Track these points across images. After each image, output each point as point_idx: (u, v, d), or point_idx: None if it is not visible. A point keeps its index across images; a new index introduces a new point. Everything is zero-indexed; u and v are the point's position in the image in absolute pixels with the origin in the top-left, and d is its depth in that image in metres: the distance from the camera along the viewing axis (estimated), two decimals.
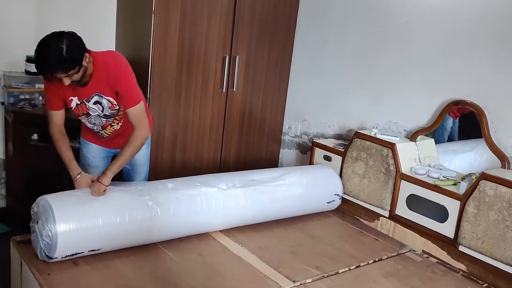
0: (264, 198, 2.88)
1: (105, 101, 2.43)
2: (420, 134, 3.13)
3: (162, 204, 2.47)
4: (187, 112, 3.56)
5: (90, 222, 2.23)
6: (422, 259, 2.78)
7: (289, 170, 3.15)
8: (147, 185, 2.59)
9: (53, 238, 2.11)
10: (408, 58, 3.24)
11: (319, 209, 3.22)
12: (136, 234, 2.38)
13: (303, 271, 2.47)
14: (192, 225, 2.60)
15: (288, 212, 3.04)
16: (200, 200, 2.62)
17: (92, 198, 2.31)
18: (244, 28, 3.65)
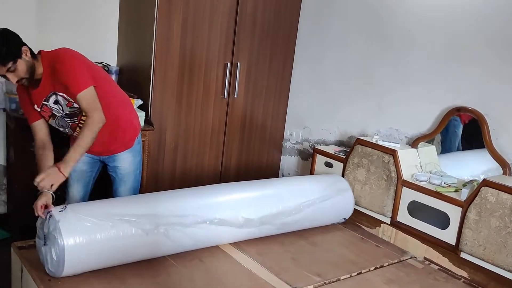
0: (273, 222, 2.79)
1: (61, 98, 2.36)
2: (422, 141, 3.13)
3: (171, 239, 2.41)
4: (188, 119, 3.57)
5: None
6: (423, 266, 2.77)
7: (303, 183, 3.07)
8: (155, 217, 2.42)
9: (59, 265, 2.10)
10: (409, 65, 3.25)
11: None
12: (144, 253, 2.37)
13: (304, 277, 2.46)
14: (198, 244, 2.57)
15: (292, 229, 2.95)
16: (212, 239, 2.60)
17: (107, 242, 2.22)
18: (246, 34, 3.67)
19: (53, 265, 2.09)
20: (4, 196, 3.51)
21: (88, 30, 3.59)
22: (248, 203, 2.73)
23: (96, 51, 3.65)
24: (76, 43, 3.54)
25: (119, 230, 2.22)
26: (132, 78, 3.57)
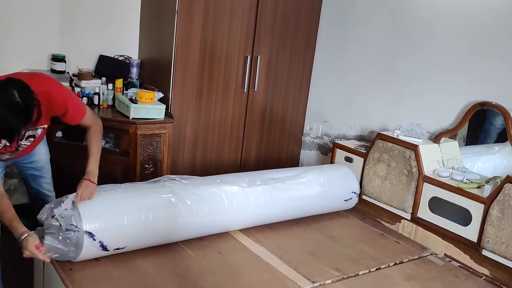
0: (282, 196, 2.87)
1: (40, 130, 2.30)
2: (444, 136, 3.09)
3: (185, 201, 2.48)
4: (208, 112, 3.58)
5: (115, 222, 2.25)
6: (444, 263, 2.73)
7: (306, 169, 3.14)
8: (170, 182, 2.60)
9: (79, 239, 2.12)
10: (432, 59, 3.20)
11: (336, 208, 3.21)
12: (160, 232, 2.39)
13: (323, 272, 2.45)
14: (213, 222, 2.61)
15: (306, 210, 3.03)
16: (221, 198, 2.63)
17: (117, 198, 2.32)
18: (266, 28, 3.65)
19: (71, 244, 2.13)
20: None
21: (111, 23, 3.62)
22: (251, 177, 2.89)
23: (118, 44, 3.69)
24: (98, 37, 3.60)
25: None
26: (153, 71, 3.59)
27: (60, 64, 3.33)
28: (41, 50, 3.39)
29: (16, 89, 1.86)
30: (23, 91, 1.89)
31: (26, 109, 1.88)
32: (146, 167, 3.24)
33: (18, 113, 1.85)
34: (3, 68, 3.27)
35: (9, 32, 3.26)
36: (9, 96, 1.83)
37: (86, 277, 2.11)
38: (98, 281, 2.11)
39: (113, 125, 3.14)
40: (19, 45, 3.30)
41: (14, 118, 1.84)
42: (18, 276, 2.78)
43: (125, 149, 3.17)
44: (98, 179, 2.41)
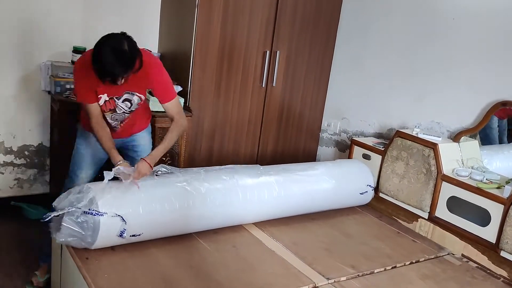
0: (296, 188, 2.86)
1: (136, 98, 2.48)
2: (464, 135, 3.04)
3: (199, 190, 2.49)
4: (226, 106, 3.58)
5: (131, 209, 2.27)
6: (461, 263, 2.70)
7: (319, 163, 3.15)
8: (185, 172, 2.62)
9: (95, 223, 2.15)
10: (454, 56, 3.15)
11: (352, 201, 3.19)
12: (174, 222, 2.41)
13: (338, 269, 2.44)
14: (227, 212, 2.61)
15: (321, 204, 3.02)
16: (235, 188, 2.64)
17: (131, 186, 2.35)
18: (286, 23, 3.64)
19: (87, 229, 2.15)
20: (47, 177, 3.63)
21: (131, 16, 3.65)
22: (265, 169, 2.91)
23: (138, 37, 3.65)
24: (119, 29, 3.61)
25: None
26: (173, 65, 3.61)
27: None
28: (63, 42, 3.43)
29: (126, 39, 2.21)
30: (131, 42, 2.22)
31: (130, 57, 2.18)
32: (163, 160, 3.25)
33: (122, 58, 2.15)
34: (26, 60, 3.33)
35: (33, 25, 3.30)
36: (119, 42, 2.18)
37: (102, 266, 2.14)
38: (114, 270, 2.13)
39: None
40: (43, 37, 3.35)
41: (117, 60, 2.13)
42: (36, 265, 2.83)
43: None
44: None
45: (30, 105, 3.44)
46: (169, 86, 2.53)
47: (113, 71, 2.16)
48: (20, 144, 3.47)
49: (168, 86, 2.52)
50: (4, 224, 3.30)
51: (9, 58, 3.28)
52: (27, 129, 3.47)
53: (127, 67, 2.18)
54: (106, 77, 2.19)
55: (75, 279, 2.14)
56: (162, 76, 2.49)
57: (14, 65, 3.31)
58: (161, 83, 2.49)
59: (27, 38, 3.31)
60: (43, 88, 3.41)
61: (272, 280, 2.25)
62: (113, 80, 2.20)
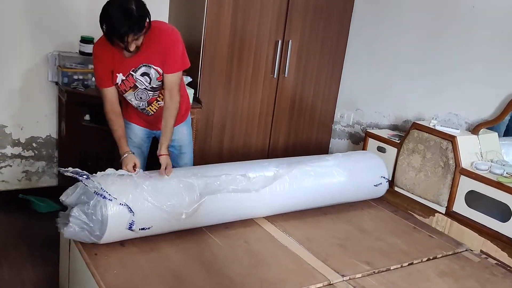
0: (309, 181, 2.78)
1: (153, 72, 2.40)
2: (483, 127, 2.95)
3: (207, 177, 2.43)
4: (236, 97, 3.51)
5: (140, 202, 2.21)
6: (480, 260, 2.61)
7: (332, 155, 3.06)
8: (196, 169, 2.56)
9: (103, 215, 2.09)
10: (473, 45, 3.05)
11: (366, 194, 3.09)
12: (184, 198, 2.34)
13: (352, 265, 2.36)
14: (239, 206, 2.54)
15: (334, 196, 2.93)
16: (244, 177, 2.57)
17: (139, 179, 2.29)
18: (299, 11, 3.55)
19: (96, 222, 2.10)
20: (55, 169, 3.58)
21: None
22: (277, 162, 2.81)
23: None
24: None
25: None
26: None
27: (88, 46, 3.29)
28: (70, 32, 3.37)
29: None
30: (139, 2, 2.16)
31: (139, 15, 2.13)
32: None
33: (130, 15, 2.10)
34: (32, 50, 3.27)
35: (40, 14, 3.24)
36: (126, 0, 2.12)
37: (111, 262, 2.08)
38: (124, 266, 2.08)
39: None
40: (49, 26, 3.29)
41: (124, 17, 2.10)
42: (43, 260, 2.79)
43: None
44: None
45: (37, 97, 3.38)
46: (179, 57, 2.42)
47: (120, 28, 2.11)
48: (27, 136, 3.42)
49: (177, 56, 2.41)
50: (12, 217, 3.27)
51: (15, 48, 3.22)
52: (34, 121, 3.42)
53: (135, 25, 2.13)
54: (113, 35, 2.16)
55: (83, 276, 2.09)
56: (177, 46, 2.40)
57: (21, 55, 3.25)
58: (173, 53, 2.38)
59: (33, 28, 3.25)
60: (50, 79, 3.35)
61: (285, 277, 2.18)
62: (121, 39, 2.15)
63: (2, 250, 2.87)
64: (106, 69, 2.38)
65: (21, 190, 3.47)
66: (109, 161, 3.16)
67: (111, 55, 2.33)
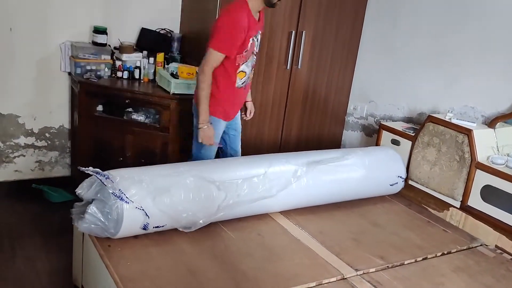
0: (326, 178, 2.76)
1: (260, 37, 2.78)
2: (500, 121, 2.89)
3: (227, 185, 2.40)
4: None
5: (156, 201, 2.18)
6: (495, 255, 2.58)
7: (349, 151, 3.02)
8: (212, 163, 2.53)
9: (119, 215, 2.07)
10: (491, 36, 2.98)
11: (381, 192, 3.07)
12: (199, 212, 2.31)
13: (366, 259, 2.34)
14: (255, 206, 2.51)
15: (350, 193, 2.90)
16: (263, 179, 2.53)
17: (154, 175, 2.28)
18: (313, 1, 3.50)
19: (111, 220, 2.08)
20: (68, 159, 3.60)
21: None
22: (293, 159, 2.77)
23: (159, 18, 3.62)
24: (140, 9, 3.53)
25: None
26: (195, 46, 3.51)
27: (101, 37, 3.29)
28: (83, 22, 3.36)
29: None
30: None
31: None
32: (186, 143, 3.18)
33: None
34: (45, 39, 3.27)
35: (52, 3, 3.22)
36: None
37: (125, 255, 2.08)
38: (137, 259, 2.07)
39: (154, 100, 3.10)
40: (62, 16, 3.28)
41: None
42: (57, 251, 2.80)
43: (165, 124, 3.12)
44: (138, 155, 2.78)
45: (50, 87, 3.38)
46: (213, 35, 2.61)
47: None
48: (41, 126, 3.43)
49: (211, 35, 2.62)
50: (25, 207, 3.29)
51: (28, 38, 3.21)
52: (47, 111, 3.42)
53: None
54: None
55: (97, 267, 2.09)
56: (217, 22, 2.63)
57: (33, 45, 3.25)
58: (211, 29, 2.66)
59: (46, 18, 3.24)
60: (63, 69, 3.35)
61: (299, 271, 2.17)
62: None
63: (17, 240, 2.89)
64: (242, 35, 2.58)
65: (34, 180, 3.49)
66: (121, 151, 3.17)
67: (247, 22, 2.57)
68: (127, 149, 3.17)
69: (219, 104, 2.74)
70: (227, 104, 2.78)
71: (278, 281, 2.08)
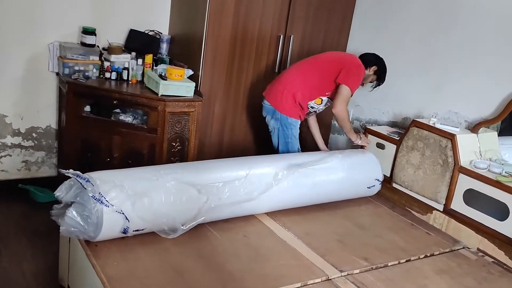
0: (306, 181, 2.80)
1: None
2: (483, 126, 2.95)
3: (209, 189, 2.41)
4: (237, 92, 3.50)
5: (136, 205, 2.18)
6: (477, 258, 2.63)
7: (329, 154, 3.06)
8: (194, 166, 2.55)
9: (99, 219, 2.07)
10: (475, 42, 3.05)
11: (359, 194, 3.12)
12: (181, 215, 2.32)
13: (351, 261, 2.38)
14: (238, 208, 2.53)
15: (329, 196, 2.95)
16: (244, 182, 2.55)
17: (139, 178, 2.27)
18: (301, 7, 3.54)
19: (90, 224, 2.07)
20: (55, 159, 3.58)
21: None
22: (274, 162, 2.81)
23: (148, 19, 3.63)
24: (129, 10, 3.53)
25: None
26: (184, 48, 3.53)
27: (90, 37, 3.29)
28: (72, 22, 3.35)
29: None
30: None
31: None
32: (173, 145, 3.20)
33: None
34: (34, 39, 3.26)
35: (41, 3, 3.22)
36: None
37: (112, 254, 2.09)
38: (124, 259, 2.08)
39: (142, 102, 3.10)
40: (50, 16, 3.27)
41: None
42: (43, 250, 2.80)
43: (153, 126, 3.13)
44: (125, 156, 2.75)
45: (38, 87, 3.37)
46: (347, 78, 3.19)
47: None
48: (28, 126, 3.42)
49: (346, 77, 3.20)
50: (11, 207, 3.27)
51: (16, 38, 3.20)
52: (35, 111, 3.41)
53: None
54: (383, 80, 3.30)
55: (83, 267, 2.10)
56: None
57: (21, 45, 3.23)
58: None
59: (35, 17, 3.23)
60: (51, 70, 3.35)
61: (285, 272, 2.20)
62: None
63: (2, 240, 2.87)
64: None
65: (21, 180, 3.47)
66: (108, 152, 3.17)
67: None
68: (114, 150, 3.17)
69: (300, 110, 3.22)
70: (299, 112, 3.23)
71: (264, 281, 2.10)
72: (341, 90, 3.09)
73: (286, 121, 3.19)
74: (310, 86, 3.15)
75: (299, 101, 3.16)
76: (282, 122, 3.20)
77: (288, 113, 3.18)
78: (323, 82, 3.15)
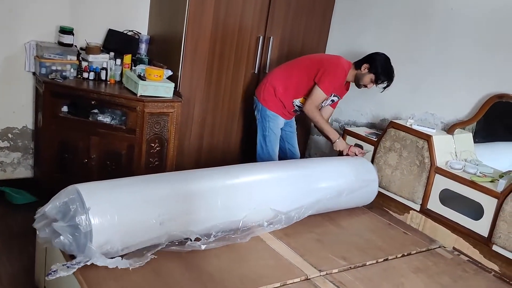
0: (297, 192, 2.76)
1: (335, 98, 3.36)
2: (458, 127, 3.01)
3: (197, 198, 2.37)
4: (217, 92, 3.50)
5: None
6: (452, 256, 2.68)
7: (326, 160, 3.06)
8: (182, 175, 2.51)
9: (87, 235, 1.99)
10: (451, 47, 3.11)
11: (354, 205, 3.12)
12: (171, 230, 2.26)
13: (330, 261, 2.40)
14: (226, 216, 2.47)
15: (324, 206, 2.87)
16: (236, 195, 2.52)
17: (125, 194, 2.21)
18: (281, 8, 3.56)
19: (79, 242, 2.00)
20: (31, 161, 3.53)
21: None
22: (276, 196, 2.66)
23: (127, 19, 3.60)
24: (108, 10, 3.50)
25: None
26: (163, 48, 3.51)
27: (68, 37, 3.25)
28: (49, 22, 3.31)
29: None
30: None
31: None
32: (152, 146, 3.18)
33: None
34: (9, 38, 3.20)
35: (18, 2, 3.17)
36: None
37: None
38: None
39: (120, 102, 3.08)
40: (27, 15, 3.22)
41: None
42: (19, 253, 2.75)
43: (131, 126, 3.11)
44: (103, 157, 2.79)
45: (14, 87, 3.31)
46: (323, 80, 3.17)
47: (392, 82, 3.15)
48: (3, 126, 3.36)
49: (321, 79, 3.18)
50: None
51: None
52: (10, 111, 3.35)
53: None
54: (390, 82, 3.15)
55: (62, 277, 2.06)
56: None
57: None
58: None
59: (11, 16, 3.17)
60: (28, 69, 3.29)
61: (264, 272, 2.21)
62: (377, 83, 3.16)
63: None
64: (336, 88, 3.22)
65: None
66: (86, 153, 3.14)
67: (343, 82, 3.23)
68: (92, 151, 3.13)
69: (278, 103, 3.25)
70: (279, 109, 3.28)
71: (244, 282, 2.11)
72: (313, 90, 3.15)
73: (264, 112, 3.27)
74: (293, 84, 3.21)
75: (280, 96, 3.22)
76: (262, 113, 3.30)
77: (268, 104, 3.25)
78: (305, 81, 3.18)
